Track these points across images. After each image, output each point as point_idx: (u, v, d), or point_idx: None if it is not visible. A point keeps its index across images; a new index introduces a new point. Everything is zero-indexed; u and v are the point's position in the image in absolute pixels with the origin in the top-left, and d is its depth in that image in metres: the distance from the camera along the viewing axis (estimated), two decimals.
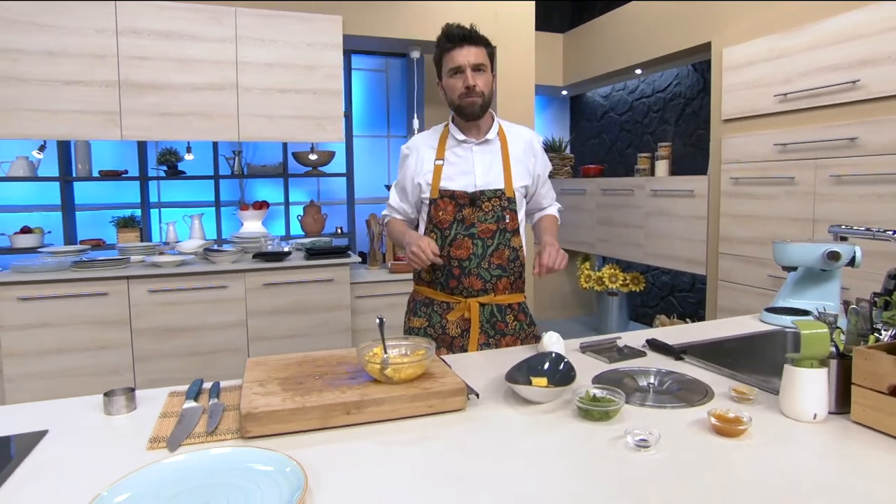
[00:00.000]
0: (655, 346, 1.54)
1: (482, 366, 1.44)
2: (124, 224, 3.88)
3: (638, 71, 4.47)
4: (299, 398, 1.10)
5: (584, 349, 1.55)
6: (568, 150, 5.67)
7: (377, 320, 1.33)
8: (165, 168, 4.03)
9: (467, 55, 1.58)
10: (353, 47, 4.20)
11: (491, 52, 1.66)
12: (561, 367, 1.29)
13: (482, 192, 1.65)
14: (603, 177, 4.80)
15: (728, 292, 3.31)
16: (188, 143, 3.92)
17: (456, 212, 1.65)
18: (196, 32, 3.00)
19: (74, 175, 3.77)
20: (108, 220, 3.97)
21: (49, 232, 3.81)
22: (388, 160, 5.13)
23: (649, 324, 4.80)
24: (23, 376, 2.86)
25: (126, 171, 3.89)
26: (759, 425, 1.06)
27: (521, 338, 1.75)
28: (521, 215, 1.74)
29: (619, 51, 4.38)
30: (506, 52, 3.70)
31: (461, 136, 1.69)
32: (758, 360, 1.37)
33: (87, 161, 3.82)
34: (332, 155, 4.33)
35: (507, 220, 1.67)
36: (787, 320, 1.72)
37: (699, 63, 4.17)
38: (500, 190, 1.67)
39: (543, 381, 1.25)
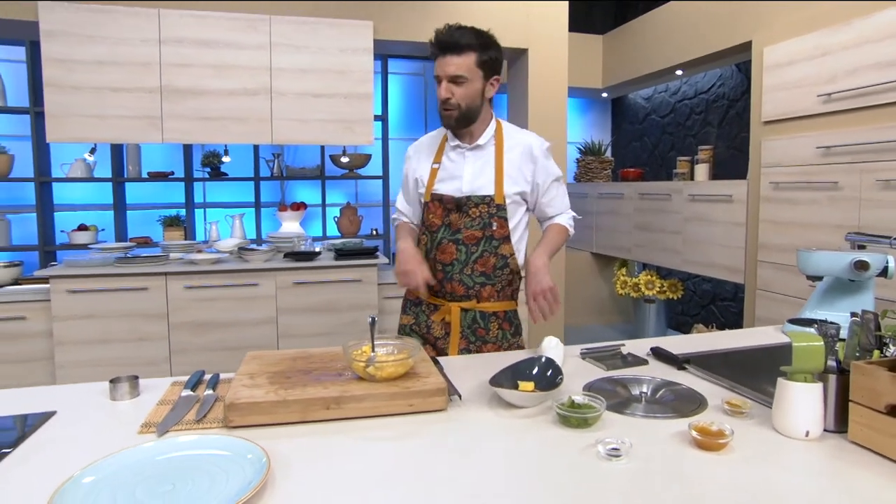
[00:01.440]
0: (659, 354, 1.50)
1: (475, 368, 1.43)
2: (170, 223, 4.08)
3: (678, 72, 4.33)
4: (282, 391, 1.13)
5: (585, 355, 1.53)
6: (608, 154, 5.55)
7: (369, 319, 1.36)
8: (209, 170, 4.22)
9: (446, 66, 1.53)
10: (390, 52, 4.27)
11: (486, 58, 1.56)
12: (549, 372, 1.28)
13: (469, 198, 1.62)
14: (643, 181, 4.67)
15: (767, 302, 3.16)
16: (226, 146, 4.09)
17: (444, 216, 1.64)
18: (233, 40, 3.13)
19: (125, 176, 4.00)
20: (156, 218, 4.19)
21: (102, 229, 4.06)
22: None
23: (688, 332, 4.63)
24: (72, 363, 3.05)
25: (172, 173, 4.10)
26: (745, 440, 1.02)
27: (504, 347, 1.70)
28: (516, 223, 1.68)
29: (659, 51, 4.27)
30: (538, 54, 3.67)
31: (454, 142, 1.67)
32: (767, 374, 1.31)
33: (137, 163, 4.05)
34: (368, 158, 4.41)
35: (495, 228, 1.62)
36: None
37: (743, 63, 4.00)
38: (489, 196, 1.62)
39: (530, 385, 1.23)
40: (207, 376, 1.38)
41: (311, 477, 0.91)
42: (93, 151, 3.84)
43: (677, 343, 1.64)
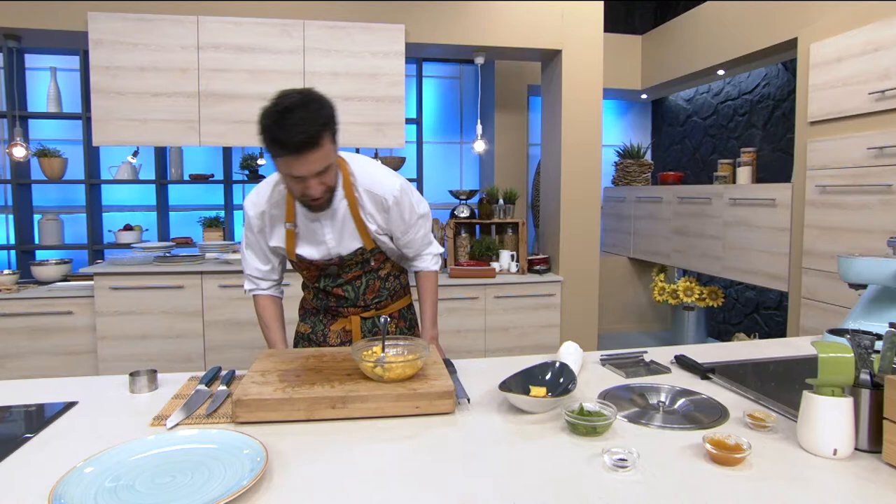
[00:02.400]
0: (683, 363, 1.43)
1: (491, 371, 1.41)
2: (209, 224, 4.21)
3: (720, 72, 4.18)
4: (289, 389, 1.14)
5: (605, 362, 1.48)
6: (648, 157, 5.41)
7: (382, 320, 1.35)
8: (247, 172, 4.33)
9: (308, 165, 1.27)
10: (425, 55, 4.29)
11: (335, 127, 1.32)
12: (562, 378, 1.24)
13: (341, 258, 1.53)
14: (682, 184, 4.53)
15: (813, 311, 3.00)
16: (261, 148, 4.17)
17: (318, 272, 1.57)
18: (268, 45, 3.20)
19: (168, 178, 4.15)
20: (196, 219, 4.33)
21: (147, 229, 4.23)
22: (461, 165, 5.18)
23: (729, 341, 4.45)
24: (113, 357, 3.18)
25: (212, 175, 4.23)
26: (765, 456, 0.96)
27: None
28: (388, 244, 1.59)
29: (700, 51, 4.13)
30: (572, 55, 3.60)
31: (306, 212, 1.47)
32: (800, 386, 1.24)
33: (179, 165, 4.19)
34: (402, 161, 4.44)
35: (373, 264, 1.58)
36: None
37: (790, 61, 3.83)
38: (360, 248, 1.53)
39: (542, 390, 1.20)
40: (224, 372, 1.40)
41: (308, 475, 0.91)
42: (135, 154, 4.00)
43: (704, 351, 1.57)
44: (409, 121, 4.46)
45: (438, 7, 3.43)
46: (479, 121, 3.96)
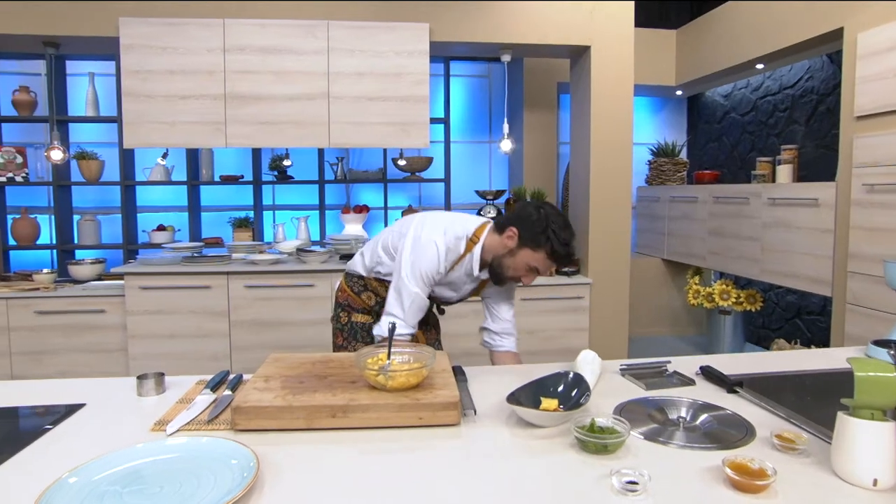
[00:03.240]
0: (709, 374, 1.35)
1: (503, 380, 1.35)
2: (239, 224, 4.27)
3: (760, 66, 3.99)
4: (290, 397, 1.11)
5: (624, 372, 1.40)
6: (684, 155, 5.23)
7: (389, 324, 1.31)
8: (276, 173, 4.37)
9: (552, 269, 1.66)
10: (452, 54, 4.24)
11: None
12: (576, 390, 1.17)
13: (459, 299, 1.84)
14: (719, 183, 4.35)
15: (859, 318, 2.82)
16: (286, 149, 4.21)
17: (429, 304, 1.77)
18: (292, 46, 3.21)
19: (199, 179, 4.23)
20: (227, 220, 4.39)
21: (179, 230, 4.31)
22: (490, 165, 5.11)
23: (768, 347, 4.26)
24: (143, 355, 3.24)
25: (242, 176, 4.28)
26: (794, 483, 0.87)
27: (433, 324, 2.02)
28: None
29: (737, 44, 3.95)
30: (601, 51, 3.50)
31: (477, 273, 1.68)
32: (835, 404, 1.14)
33: (210, 166, 4.26)
34: (429, 161, 4.41)
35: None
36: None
37: (836, 53, 3.62)
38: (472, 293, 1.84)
39: (553, 403, 1.14)
40: (232, 376, 1.39)
41: (301, 487, 0.88)
42: (165, 156, 4.08)
43: (734, 362, 1.48)
44: (436, 120, 4.42)
45: (463, 5, 3.38)
46: (505, 120, 3.88)
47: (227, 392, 1.26)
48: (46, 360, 3.27)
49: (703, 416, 1.12)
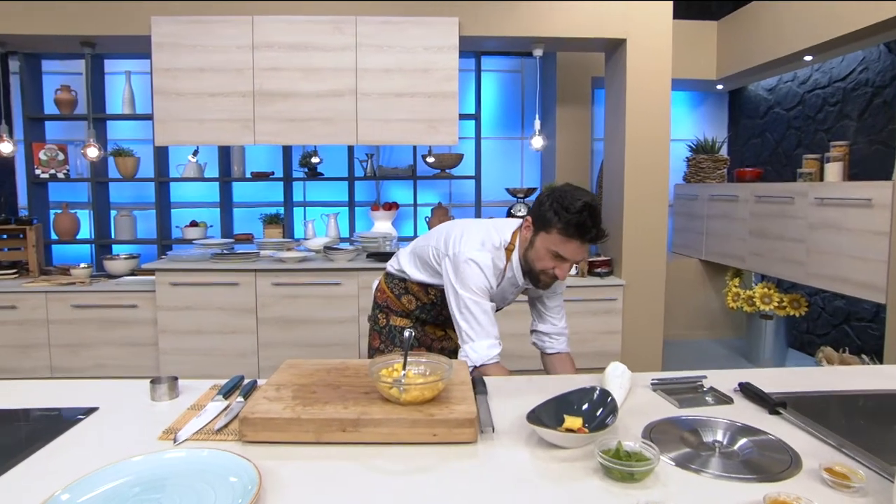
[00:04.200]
0: (748, 392, 1.25)
1: (528, 391, 1.28)
2: (270, 221, 4.29)
3: (808, 57, 3.78)
4: (300, 408, 1.07)
5: (656, 387, 1.31)
6: (724, 152, 5.02)
7: (406, 333, 1.26)
8: (306, 170, 4.38)
9: (581, 252, 1.49)
10: (483, 49, 4.16)
11: None
12: (602, 408, 1.10)
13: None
14: (761, 181, 4.15)
15: None
16: (314, 146, 4.21)
17: None
18: (320, 43, 3.19)
19: (231, 176, 4.27)
20: (258, 216, 4.43)
21: (211, 226, 4.36)
22: (522, 162, 5.01)
23: (813, 354, 4.05)
24: (173, 350, 3.29)
25: (273, 173, 4.30)
26: None
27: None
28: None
29: (784, 35, 3.75)
30: (637, 44, 3.36)
31: (521, 281, 1.63)
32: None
33: (241, 163, 4.30)
34: (459, 158, 4.34)
35: None
36: None
37: (894, 42, 3.39)
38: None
39: (578, 421, 1.06)
40: (247, 381, 1.36)
41: None
42: (195, 153, 4.13)
43: (776, 378, 1.37)
44: (466, 116, 4.35)
45: None
46: (536, 116, 3.78)
47: (240, 399, 1.23)
48: (83, 353, 3.35)
49: (742, 441, 1.03)
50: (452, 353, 1.80)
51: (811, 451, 0.99)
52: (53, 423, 1.13)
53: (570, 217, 1.42)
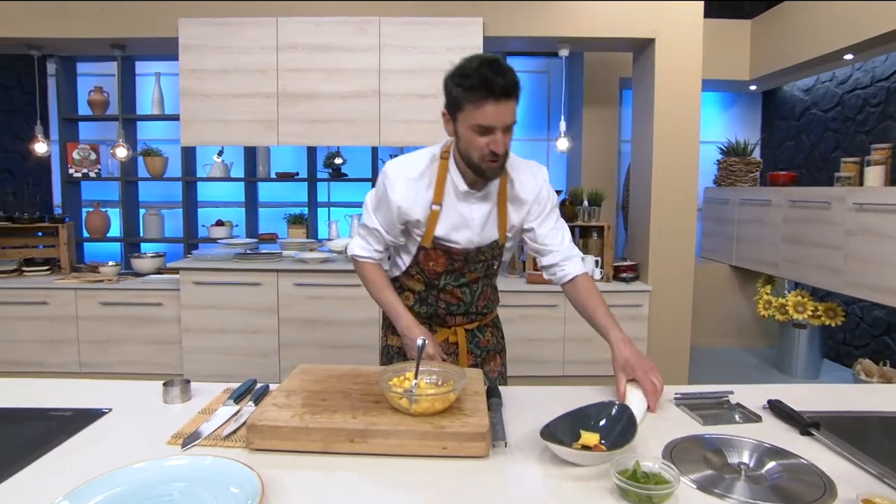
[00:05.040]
0: (778, 410, 1.18)
1: (546, 402, 1.23)
2: (294, 221, 4.32)
3: (848, 56, 3.63)
4: (308, 416, 1.05)
5: (679, 402, 1.26)
6: (757, 154, 4.86)
7: (419, 342, 1.23)
8: (330, 171, 4.39)
9: (503, 114, 1.27)
10: (507, 49, 4.11)
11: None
12: (620, 424, 1.05)
13: (479, 249, 1.49)
14: (795, 185, 4.01)
15: None
16: (338, 147, 4.22)
17: (448, 264, 1.49)
18: (344, 43, 3.19)
19: (256, 176, 4.30)
20: (282, 216, 4.46)
21: (236, 225, 4.41)
22: (548, 164, 4.94)
23: (850, 366, 3.88)
24: (196, 348, 3.33)
25: (297, 173, 4.33)
26: None
27: (498, 351, 1.67)
28: (512, 245, 1.60)
29: (821, 34, 3.61)
30: (666, 44, 3.27)
31: (464, 187, 1.42)
32: None
33: (267, 163, 4.34)
34: None
35: (495, 267, 1.58)
36: None
37: None
38: (495, 241, 1.50)
39: (594, 438, 1.02)
40: (259, 385, 1.34)
41: None
42: (220, 154, 4.17)
43: (809, 395, 1.30)
44: None
45: None
46: (562, 117, 3.72)
47: (250, 404, 1.22)
48: (110, 349, 3.41)
49: (771, 465, 0.97)
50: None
51: (847, 479, 0.92)
52: (65, 424, 1.14)
53: (471, 79, 1.25)
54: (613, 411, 1.08)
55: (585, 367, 3.48)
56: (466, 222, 1.45)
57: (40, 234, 3.85)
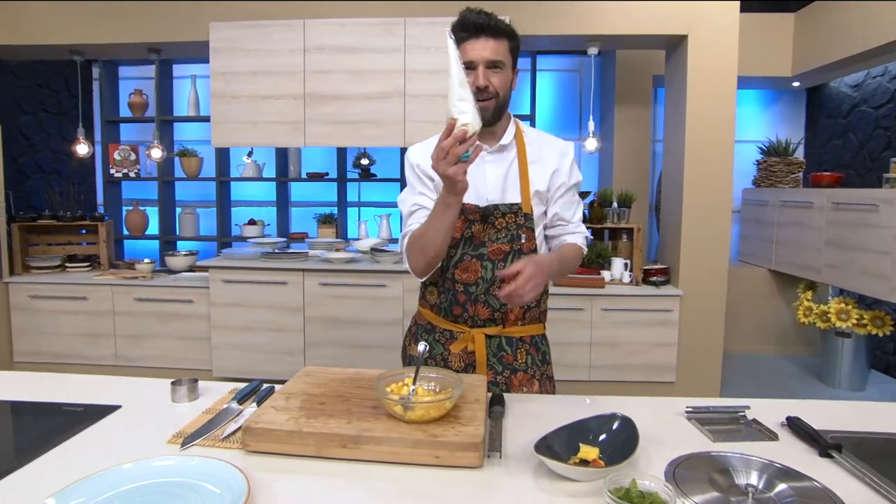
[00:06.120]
0: (797, 429, 1.11)
1: (552, 412, 1.20)
2: (324, 220, 4.37)
3: None
4: (303, 420, 1.04)
5: (690, 416, 1.20)
6: (800, 154, 4.65)
7: (421, 347, 1.21)
8: (359, 171, 4.43)
9: (482, 49, 1.31)
10: (535, 48, 4.06)
11: (515, 45, 1.38)
12: (623, 438, 1.01)
13: (496, 207, 1.41)
14: (841, 187, 3.82)
15: None
16: (364, 148, 4.24)
17: (465, 228, 1.41)
18: (370, 45, 3.20)
19: (288, 176, 4.38)
20: (312, 216, 4.52)
21: (268, 224, 4.50)
22: (580, 164, 4.83)
23: None
24: (225, 345, 3.41)
25: (327, 174, 4.38)
26: None
27: (534, 375, 1.48)
28: (539, 232, 1.47)
29: (872, 25, 3.41)
30: (699, 40, 3.16)
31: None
32: None
33: (297, 163, 4.40)
34: None
35: (524, 240, 1.42)
36: None
37: None
38: (517, 205, 1.41)
39: (594, 452, 0.98)
40: (265, 387, 1.36)
41: None
42: (249, 154, 4.26)
43: (837, 412, 1.22)
44: (521, 117, 4.25)
45: None
46: (590, 117, 3.64)
47: (253, 406, 1.23)
48: (145, 344, 3.53)
49: (781, 487, 0.91)
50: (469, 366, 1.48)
51: None
52: (76, 419, 1.17)
53: (455, 23, 1.34)
54: (615, 425, 1.04)
55: (612, 372, 3.40)
56: (477, 179, 1.41)
57: (84, 231, 4.02)
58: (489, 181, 1.42)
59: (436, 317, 1.50)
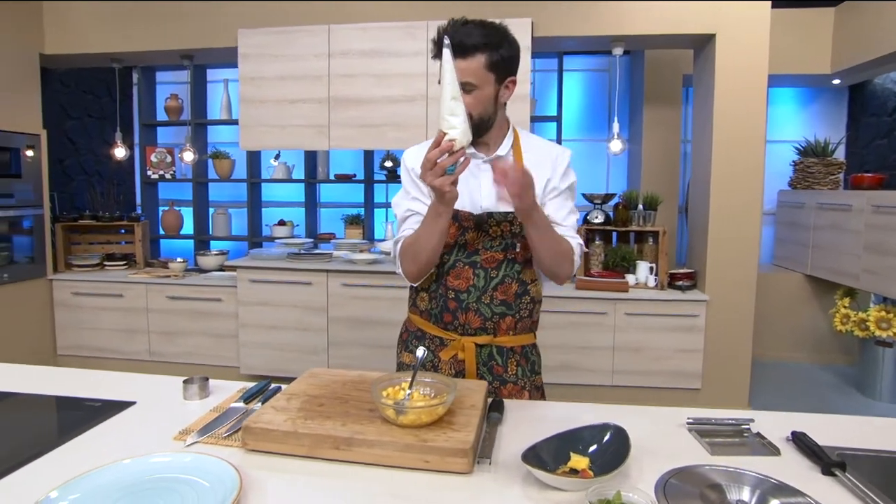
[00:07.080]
0: (801, 444, 1.08)
1: (552, 419, 1.20)
2: (351, 221, 4.44)
3: None
4: (300, 421, 1.07)
5: (691, 427, 1.18)
6: (840, 154, 4.48)
7: (420, 352, 1.23)
8: (385, 173, 4.48)
9: (461, 69, 1.26)
10: (560, 49, 4.02)
11: (497, 58, 1.30)
12: (614, 448, 1.00)
13: (490, 215, 1.40)
14: (883, 189, 3.65)
15: None
16: (388, 150, 4.28)
17: (458, 235, 1.41)
18: (392, 48, 3.24)
19: (316, 178, 4.46)
20: (340, 217, 4.59)
21: (297, 225, 4.60)
22: (608, 165, 4.81)
23: None
24: (251, 343, 3.50)
25: (355, 175, 4.44)
26: None
27: (524, 386, 1.46)
28: None
29: None
30: (728, 39, 3.07)
31: (469, 150, 1.34)
32: None
33: (326, 165, 4.48)
34: None
35: (518, 249, 1.41)
36: None
37: None
38: (512, 214, 1.38)
39: (584, 462, 0.98)
40: (273, 386, 1.39)
41: None
42: (276, 157, 4.36)
43: (853, 428, 1.18)
44: (547, 118, 4.24)
45: None
46: (615, 118, 3.59)
47: (258, 405, 1.27)
48: (177, 341, 3.66)
49: None
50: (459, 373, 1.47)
51: None
52: (91, 414, 1.23)
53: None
54: (607, 436, 1.03)
55: (635, 378, 3.35)
56: (472, 187, 1.41)
57: (122, 231, 4.19)
58: (483, 189, 1.42)
59: (426, 323, 1.49)
